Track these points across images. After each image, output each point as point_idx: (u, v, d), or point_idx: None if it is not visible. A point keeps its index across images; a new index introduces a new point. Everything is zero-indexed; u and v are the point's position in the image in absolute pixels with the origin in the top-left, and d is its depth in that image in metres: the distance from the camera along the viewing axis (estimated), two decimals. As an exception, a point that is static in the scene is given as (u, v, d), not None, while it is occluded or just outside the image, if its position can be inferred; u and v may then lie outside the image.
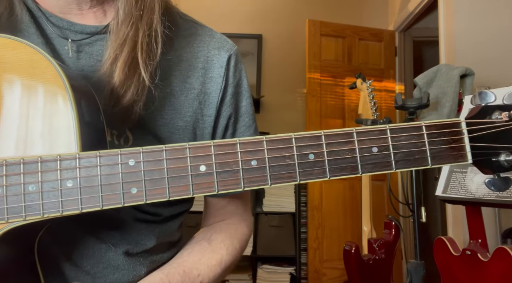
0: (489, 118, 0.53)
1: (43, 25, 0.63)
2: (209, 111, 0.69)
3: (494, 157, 0.53)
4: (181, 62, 0.68)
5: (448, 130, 0.52)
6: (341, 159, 0.51)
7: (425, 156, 0.52)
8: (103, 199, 0.48)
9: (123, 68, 0.58)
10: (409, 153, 0.52)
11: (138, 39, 0.60)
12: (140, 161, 0.49)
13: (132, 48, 0.59)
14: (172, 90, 0.66)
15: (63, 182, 0.48)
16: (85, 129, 0.52)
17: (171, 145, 0.49)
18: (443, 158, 0.52)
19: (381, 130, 0.52)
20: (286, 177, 0.50)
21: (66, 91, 0.51)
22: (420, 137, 0.52)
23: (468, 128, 0.53)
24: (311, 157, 0.50)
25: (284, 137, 0.50)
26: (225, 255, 0.70)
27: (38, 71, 0.51)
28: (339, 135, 0.51)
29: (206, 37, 0.72)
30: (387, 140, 0.51)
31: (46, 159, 0.48)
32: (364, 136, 0.51)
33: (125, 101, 0.59)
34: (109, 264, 0.62)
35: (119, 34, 0.60)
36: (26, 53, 0.51)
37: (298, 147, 0.50)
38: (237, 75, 0.72)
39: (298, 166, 0.50)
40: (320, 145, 0.51)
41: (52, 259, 0.59)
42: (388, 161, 0.51)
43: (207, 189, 0.50)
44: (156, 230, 0.67)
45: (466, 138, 0.53)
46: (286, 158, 0.50)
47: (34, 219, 0.48)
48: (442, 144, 0.52)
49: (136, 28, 0.60)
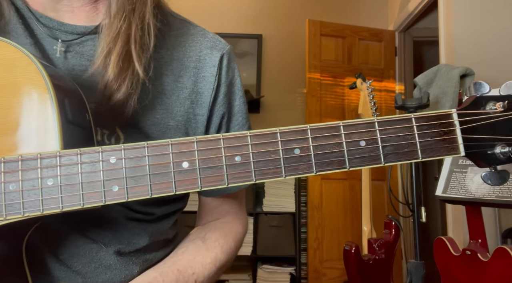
0: (483, 109, 0.51)
1: (32, 25, 0.63)
2: (201, 110, 0.69)
3: (489, 150, 0.51)
4: (173, 61, 0.68)
5: (439, 121, 0.51)
6: (327, 153, 0.49)
7: (415, 149, 0.50)
8: (84, 198, 0.48)
9: (117, 62, 0.58)
10: (398, 146, 0.50)
11: (131, 32, 0.60)
12: (121, 158, 0.48)
13: (126, 42, 0.59)
14: (164, 89, 0.66)
15: (44, 181, 0.48)
16: (68, 128, 0.51)
17: (153, 142, 0.49)
18: (434, 151, 0.50)
19: (369, 123, 0.50)
20: (271, 173, 0.49)
21: (48, 89, 0.50)
22: (410, 129, 0.50)
23: (460, 119, 0.51)
24: (296, 152, 0.49)
25: (269, 132, 0.49)
26: (219, 254, 0.70)
27: (20, 70, 0.50)
28: (326, 128, 0.50)
29: (199, 37, 0.71)
30: (375, 133, 0.50)
31: (26, 157, 0.48)
32: (352, 129, 0.50)
33: (119, 95, 0.58)
34: (101, 264, 0.62)
35: (112, 28, 0.59)
36: (8, 51, 0.51)
37: (283, 141, 0.49)
38: (230, 74, 0.72)
39: (283, 161, 0.49)
40: (306, 140, 0.49)
41: (41, 259, 0.59)
42: (377, 154, 0.50)
43: (190, 186, 0.48)
44: (149, 229, 0.67)
45: (458, 129, 0.51)
46: (271, 153, 0.49)
47: (15, 219, 0.48)
48: (433, 136, 0.50)
49: (129, 21, 0.60)
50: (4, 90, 0.50)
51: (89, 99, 0.58)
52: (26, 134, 0.50)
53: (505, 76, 2.28)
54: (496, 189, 1.21)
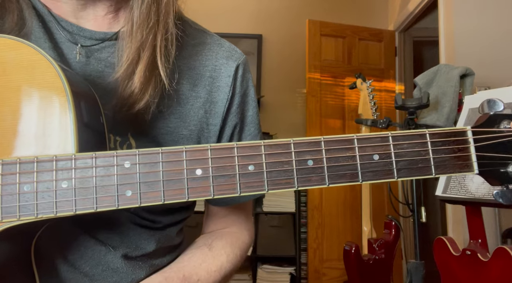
0: (497, 127, 0.51)
1: (52, 29, 0.63)
2: (214, 120, 0.69)
3: (502, 168, 0.51)
4: (189, 70, 0.68)
5: (453, 138, 0.50)
6: (340, 166, 0.49)
7: (429, 165, 0.50)
8: (98, 201, 0.48)
9: (144, 71, 0.59)
10: (412, 162, 0.50)
11: (157, 43, 0.60)
12: (136, 163, 0.48)
13: (152, 52, 0.60)
14: (179, 98, 0.66)
15: (58, 183, 0.48)
16: (83, 131, 0.51)
17: (168, 148, 0.49)
18: (448, 168, 0.50)
19: (383, 137, 0.50)
20: (283, 183, 0.49)
21: (65, 92, 0.50)
22: (424, 145, 0.50)
23: (474, 137, 0.50)
24: (310, 163, 0.49)
25: (283, 142, 0.49)
26: (225, 262, 0.70)
27: (38, 72, 0.51)
28: (339, 141, 0.50)
29: (215, 46, 0.72)
30: (389, 147, 0.50)
31: (42, 159, 0.48)
32: (365, 143, 0.50)
33: (142, 104, 0.59)
34: (108, 267, 0.62)
35: (137, 37, 0.60)
36: (27, 53, 0.51)
37: (296, 152, 0.49)
38: (244, 85, 0.72)
39: (296, 172, 0.49)
40: (319, 151, 0.49)
41: (49, 260, 0.59)
42: (390, 169, 0.50)
43: (202, 193, 0.48)
44: (156, 235, 0.67)
45: (472, 147, 0.50)
46: (284, 164, 0.49)
47: (28, 220, 0.48)
48: (447, 153, 0.50)
49: (155, 32, 0.61)
50: (23, 92, 0.51)
51: (106, 105, 0.59)
52: (42, 135, 0.50)
53: (505, 76, 2.28)
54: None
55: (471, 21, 2.52)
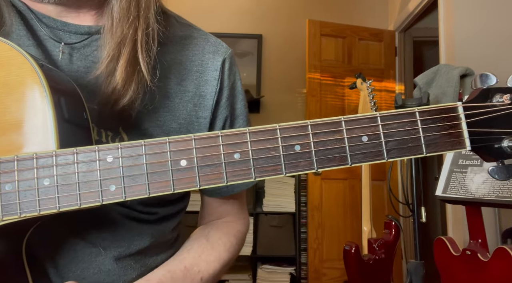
0: (490, 102, 0.49)
1: (34, 26, 0.62)
2: (204, 113, 0.70)
3: (496, 143, 0.49)
4: (176, 65, 0.68)
5: (444, 115, 0.49)
6: (329, 149, 0.48)
7: (419, 144, 0.48)
8: (81, 197, 0.47)
9: (125, 67, 0.58)
10: (402, 141, 0.48)
11: (138, 37, 0.60)
12: (118, 157, 0.47)
13: (133, 47, 0.60)
14: (167, 92, 0.67)
15: (40, 181, 0.47)
16: (65, 127, 0.50)
17: (151, 140, 0.48)
18: (439, 146, 0.49)
19: (371, 118, 0.49)
20: (271, 170, 0.48)
21: (43, 87, 0.49)
22: (414, 123, 0.48)
23: (466, 112, 0.49)
24: (297, 149, 0.48)
25: (268, 128, 0.48)
26: (223, 252, 0.71)
27: (14, 68, 0.50)
28: (327, 124, 0.48)
29: (201, 41, 0.72)
30: (378, 128, 0.48)
31: (22, 157, 0.47)
32: (353, 124, 0.48)
33: (126, 99, 0.59)
34: (99, 269, 0.62)
35: (117, 33, 0.59)
36: (2, 49, 0.50)
37: (283, 138, 0.48)
38: (231, 78, 0.73)
39: (283, 158, 0.48)
40: (306, 136, 0.48)
41: (40, 264, 0.59)
42: (380, 150, 0.48)
43: (188, 184, 0.48)
44: (151, 229, 0.67)
45: (464, 123, 0.49)
46: (270, 150, 0.48)
47: (12, 219, 0.47)
48: (437, 130, 0.48)
49: (135, 27, 0.60)
50: (1, 89, 0.50)
51: (93, 100, 0.58)
52: (22, 133, 0.49)
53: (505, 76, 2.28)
54: (496, 189, 1.21)
55: (471, 21, 2.52)
